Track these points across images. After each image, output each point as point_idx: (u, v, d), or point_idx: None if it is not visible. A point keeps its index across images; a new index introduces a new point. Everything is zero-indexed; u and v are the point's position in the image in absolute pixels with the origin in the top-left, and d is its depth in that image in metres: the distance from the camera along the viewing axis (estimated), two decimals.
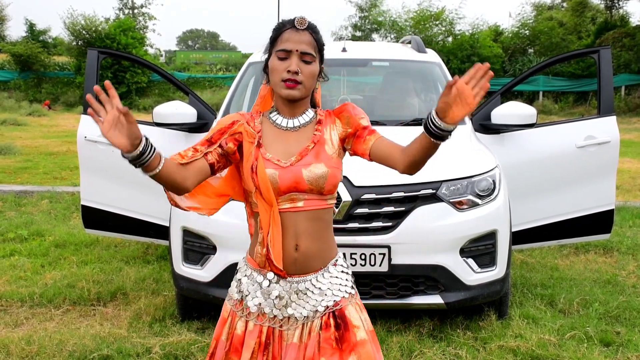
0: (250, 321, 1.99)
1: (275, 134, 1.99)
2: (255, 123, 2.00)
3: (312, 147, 1.96)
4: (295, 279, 1.97)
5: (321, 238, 1.98)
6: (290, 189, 1.91)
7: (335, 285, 2.00)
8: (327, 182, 1.92)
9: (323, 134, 1.99)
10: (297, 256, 1.95)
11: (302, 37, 1.94)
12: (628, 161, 11.75)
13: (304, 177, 1.91)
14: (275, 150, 1.95)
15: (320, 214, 1.96)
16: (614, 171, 4.48)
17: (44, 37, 33.54)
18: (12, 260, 5.48)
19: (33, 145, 13.95)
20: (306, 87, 1.95)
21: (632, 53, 25.38)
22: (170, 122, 4.56)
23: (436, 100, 5.04)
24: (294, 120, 2.00)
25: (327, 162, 1.94)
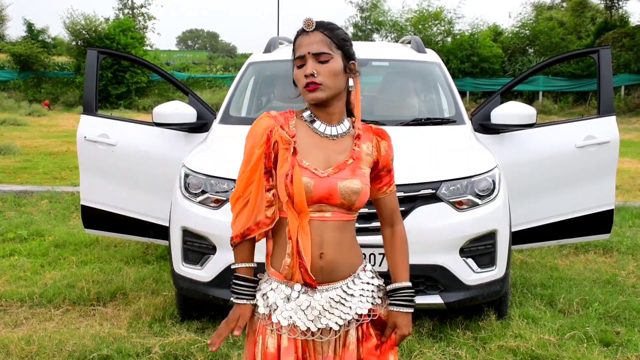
0: (283, 335, 1.89)
1: (311, 140, 1.92)
2: (289, 126, 1.93)
3: (351, 162, 1.91)
4: (324, 287, 1.90)
5: (346, 246, 1.93)
6: (322, 199, 1.86)
7: (367, 292, 1.96)
8: (359, 199, 1.89)
9: (361, 150, 1.94)
10: (323, 264, 1.89)
11: (312, 39, 1.88)
12: (628, 161, 11.75)
13: (339, 191, 1.86)
14: (313, 157, 1.89)
15: (346, 225, 1.92)
16: (613, 171, 4.48)
17: (43, 37, 33.52)
18: (12, 260, 5.48)
19: (33, 145, 13.95)
20: (329, 86, 1.87)
21: (632, 53, 25.39)
22: (170, 122, 4.56)
23: (436, 101, 5.07)
24: (332, 129, 1.93)
25: (362, 179, 1.90)
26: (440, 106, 5.00)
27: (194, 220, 3.82)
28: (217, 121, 4.69)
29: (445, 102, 5.00)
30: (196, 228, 3.81)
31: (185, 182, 3.92)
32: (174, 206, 3.99)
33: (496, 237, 3.81)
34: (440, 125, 4.58)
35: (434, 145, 4.29)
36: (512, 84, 4.89)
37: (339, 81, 1.90)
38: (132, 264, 5.35)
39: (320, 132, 1.92)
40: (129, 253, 5.67)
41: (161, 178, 4.52)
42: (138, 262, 5.43)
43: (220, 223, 3.69)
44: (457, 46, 28.02)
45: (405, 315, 2.00)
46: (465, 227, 3.72)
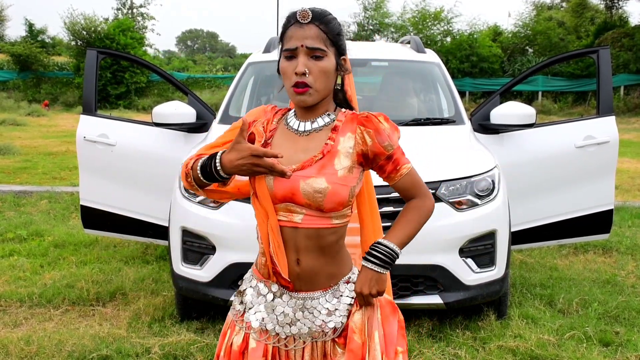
0: (251, 337, 1.82)
1: (286, 137, 1.81)
2: (273, 122, 1.84)
3: (320, 159, 1.74)
4: (301, 295, 1.80)
5: (327, 256, 1.79)
6: (285, 198, 1.73)
7: (345, 305, 1.81)
8: (326, 200, 1.70)
9: (337, 144, 1.76)
10: (300, 271, 1.77)
11: (306, 32, 1.72)
12: (627, 161, 11.76)
13: (300, 190, 1.71)
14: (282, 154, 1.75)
15: (323, 233, 1.75)
16: (613, 171, 4.48)
17: (42, 37, 33.52)
18: (11, 260, 5.48)
19: (32, 145, 13.95)
20: (319, 89, 1.74)
21: (631, 53, 25.41)
22: (169, 122, 4.56)
23: (435, 101, 5.07)
24: (306, 124, 1.80)
25: (329, 177, 1.71)
26: (440, 106, 5.00)
27: (193, 220, 3.82)
28: (217, 121, 4.69)
29: (444, 102, 5.00)
30: (196, 228, 3.81)
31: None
32: (174, 206, 3.99)
33: (496, 237, 3.81)
34: (440, 125, 4.58)
35: (433, 145, 4.29)
36: (511, 84, 4.89)
37: (330, 82, 1.78)
38: (131, 264, 5.35)
39: (294, 129, 1.80)
40: (128, 253, 5.67)
41: (161, 178, 4.52)
42: (137, 262, 5.43)
43: (220, 223, 3.69)
44: (456, 46, 28.04)
45: (368, 271, 1.76)
46: (465, 227, 3.72)
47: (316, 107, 1.80)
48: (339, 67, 1.80)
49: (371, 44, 8.28)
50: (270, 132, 1.82)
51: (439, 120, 4.65)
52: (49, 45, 33.26)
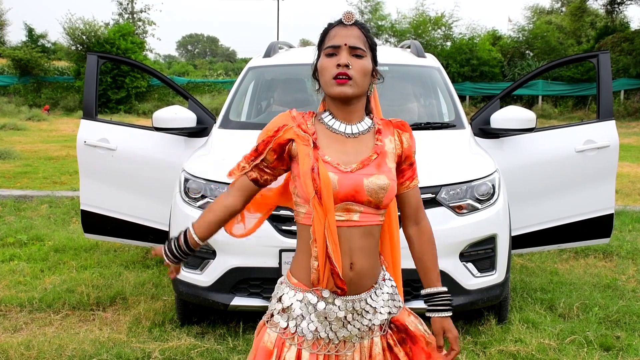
0: (305, 350, 1.81)
1: (330, 139, 1.85)
2: (308, 124, 1.86)
3: (375, 158, 1.83)
4: (350, 298, 1.83)
5: (373, 255, 1.87)
6: (348, 197, 1.78)
7: (390, 302, 1.91)
8: (387, 196, 1.81)
9: (384, 144, 1.87)
10: (352, 275, 1.82)
11: (350, 32, 1.82)
12: (627, 165, 11.75)
13: (365, 187, 1.78)
14: (333, 155, 1.82)
15: (373, 231, 1.84)
16: (613, 175, 4.48)
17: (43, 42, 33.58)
18: (12, 265, 5.48)
19: (32, 149, 13.96)
20: (358, 84, 1.81)
21: (631, 57, 25.45)
22: (170, 127, 4.57)
23: (435, 106, 5.07)
24: (353, 127, 1.87)
25: (388, 174, 1.82)
26: (440, 110, 5.01)
27: None
28: (217, 126, 4.70)
29: (444, 106, 5.00)
30: None
31: (185, 187, 3.93)
32: (174, 211, 3.99)
33: (496, 241, 3.80)
34: (440, 129, 4.59)
35: (433, 149, 4.29)
36: (511, 88, 4.89)
37: (366, 81, 1.85)
38: (131, 269, 5.35)
39: (340, 131, 1.85)
40: (128, 258, 5.66)
41: (161, 183, 4.52)
42: (138, 266, 5.43)
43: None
44: (456, 50, 28.08)
45: (448, 319, 1.94)
46: (465, 232, 3.72)
47: (355, 109, 1.87)
48: (374, 72, 1.90)
49: None
50: (313, 134, 1.84)
51: (439, 124, 4.66)
52: (49, 50, 33.30)
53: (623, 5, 30.25)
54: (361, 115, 1.89)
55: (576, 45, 29.71)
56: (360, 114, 1.89)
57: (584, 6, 31.82)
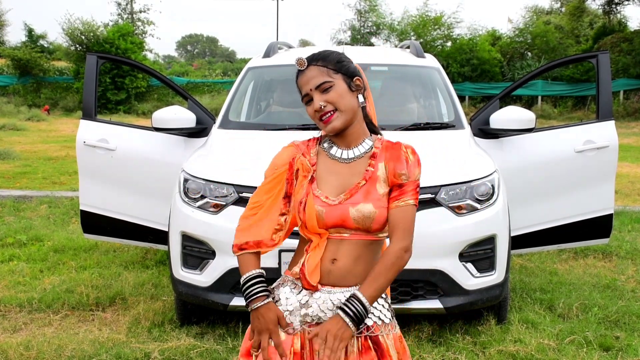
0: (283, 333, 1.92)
1: (329, 166, 1.96)
2: (311, 154, 1.98)
3: (363, 185, 1.90)
4: (327, 289, 1.91)
5: (363, 261, 1.91)
6: (336, 225, 1.89)
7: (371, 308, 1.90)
8: (374, 222, 1.87)
9: (376, 170, 1.92)
10: (332, 268, 1.91)
11: (308, 75, 1.91)
12: (627, 165, 11.76)
13: (351, 216, 1.87)
14: (328, 184, 1.92)
15: (367, 243, 1.92)
16: (612, 176, 4.48)
17: (42, 42, 33.57)
18: (11, 265, 5.48)
19: (32, 150, 13.96)
20: (342, 109, 1.89)
21: (630, 57, 25.46)
22: (169, 127, 4.57)
23: (435, 106, 5.07)
24: (349, 152, 1.95)
25: (375, 202, 1.88)
26: (440, 111, 5.01)
27: (193, 225, 3.82)
28: (217, 126, 4.70)
29: (444, 106, 5.00)
30: (195, 233, 3.81)
31: (185, 187, 3.93)
32: (174, 211, 3.99)
33: (495, 241, 3.80)
34: (440, 130, 4.59)
35: (433, 150, 4.29)
36: (511, 89, 4.89)
37: (349, 101, 1.91)
38: (131, 269, 5.35)
39: (337, 157, 1.95)
40: (128, 258, 5.66)
41: (160, 183, 4.52)
42: (137, 267, 5.43)
43: (220, 228, 3.69)
44: (457, 50, 28.09)
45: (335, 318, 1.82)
46: (465, 232, 3.72)
47: (350, 132, 1.95)
48: (352, 87, 1.94)
49: (371, 48, 8.30)
50: (313, 165, 1.96)
51: (439, 124, 4.66)
52: (48, 50, 33.30)
53: (621, 5, 30.23)
54: (359, 136, 1.96)
55: (575, 45, 29.72)
56: (358, 135, 1.96)
57: (583, 6, 31.83)
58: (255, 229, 1.96)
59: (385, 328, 1.96)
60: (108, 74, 27.85)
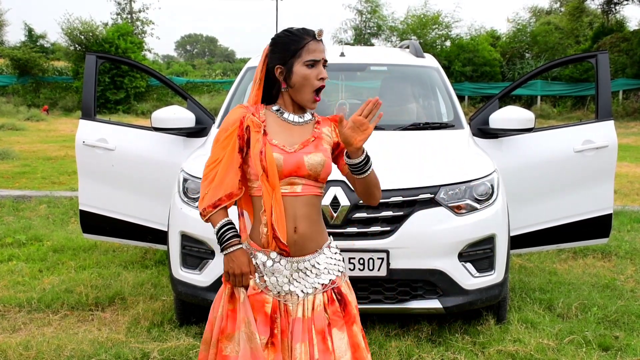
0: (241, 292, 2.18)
1: (280, 126, 2.22)
2: (260, 114, 2.22)
3: (313, 140, 2.22)
4: (295, 259, 2.18)
5: (316, 222, 2.22)
6: (292, 172, 2.14)
7: (331, 266, 2.25)
8: (324, 170, 2.18)
9: (321, 132, 2.26)
10: (297, 238, 2.17)
11: (322, 47, 2.21)
12: (626, 165, 11.76)
13: (305, 163, 2.15)
14: (281, 139, 2.18)
15: (314, 200, 2.20)
16: (611, 175, 4.48)
17: (42, 42, 33.55)
18: (10, 265, 5.47)
19: (31, 150, 13.95)
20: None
21: (628, 57, 25.47)
22: (168, 127, 4.56)
23: (434, 106, 5.07)
24: (300, 117, 2.25)
25: (324, 153, 2.20)
26: (439, 111, 5.01)
27: (192, 225, 3.82)
28: (216, 126, 4.70)
29: (443, 106, 5.00)
30: (195, 233, 3.81)
31: (184, 187, 3.93)
32: (173, 211, 3.98)
33: (495, 241, 3.81)
34: (439, 129, 4.59)
35: (432, 149, 4.29)
36: (510, 89, 4.89)
37: None
38: (130, 269, 5.35)
39: (291, 120, 2.23)
40: (127, 258, 5.66)
41: (160, 183, 4.52)
42: (136, 266, 5.42)
43: None
44: (459, 49, 28.09)
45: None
46: (464, 232, 3.72)
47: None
48: None
49: (370, 48, 8.29)
50: (263, 122, 2.20)
51: (438, 124, 4.66)
52: (48, 50, 33.28)
53: (620, 5, 30.24)
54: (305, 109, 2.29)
55: (575, 45, 29.73)
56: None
57: (582, 6, 31.84)
58: (223, 184, 2.16)
59: (344, 278, 2.29)
60: (107, 73, 27.83)
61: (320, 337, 2.17)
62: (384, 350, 3.71)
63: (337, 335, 2.20)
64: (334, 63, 5.06)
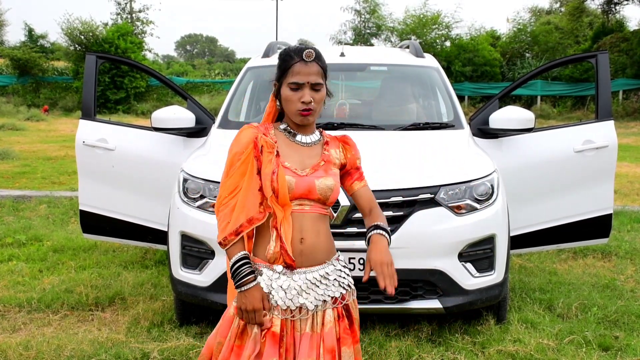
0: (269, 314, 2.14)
1: (289, 148, 2.22)
2: (270, 135, 2.22)
3: (323, 164, 2.22)
4: (302, 270, 2.17)
5: (323, 235, 2.21)
6: (302, 195, 2.16)
7: (341, 278, 2.23)
8: (332, 194, 2.20)
9: (330, 154, 2.26)
10: (303, 248, 2.16)
11: (311, 69, 2.15)
12: (626, 165, 11.76)
13: (316, 187, 2.17)
14: (292, 160, 2.19)
15: (322, 217, 2.22)
16: (611, 175, 4.48)
17: (42, 42, 33.54)
18: (10, 265, 5.47)
19: (31, 150, 13.95)
20: (317, 112, 2.20)
21: (628, 57, 25.46)
22: (168, 127, 4.56)
23: (434, 106, 5.07)
24: (308, 137, 2.25)
25: (334, 177, 2.23)
26: (439, 111, 5.01)
27: (192, 225, 3.82)
28: (216, 126, 4.70)
29: (443, 106, 5.00)
30: (195, 233, 3.81)
31: (184, 187, 3.92)
32: (173, 211, 3.98)
33: (495, 241, 3.81)
34: (439, 129, 4.59)
35: (432, 149, 4.29)
36: (510, 89, 4.89)
37: (322, 106, 2.23)
38: (130, 269, 5.35)
39: (298, 141, 2.23)
40: (127, 258, 5.66)
41: (160, 183, 4.52)
42: (136, 267, 5.42)
43: None
44: (459, 49, 28.09)
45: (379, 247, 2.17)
46: (464, 232, 3.72)
47: (309, 124, 2.25)
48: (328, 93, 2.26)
49: (370, 48, 8.30)
50: (275, 142, 2.20)
51: (438, 124, 4.66)
52: (48, 50, 33.27)
53: (620, 5, 30.24)
54: (313, 128, 2.28)
55: (575, 45, 29.73)
56: (313, 127, 2.28)
57: (582, 6, 31.84)
58: (244, 210, 2.14)
59: (352, 294, 2.27)
60: (107, 73, 27.82)
61: (330, 357, 2.14)
62: (384, 350, 3.71)
63: (346, 353, 2.19)
64: (334, 63, 5.07)
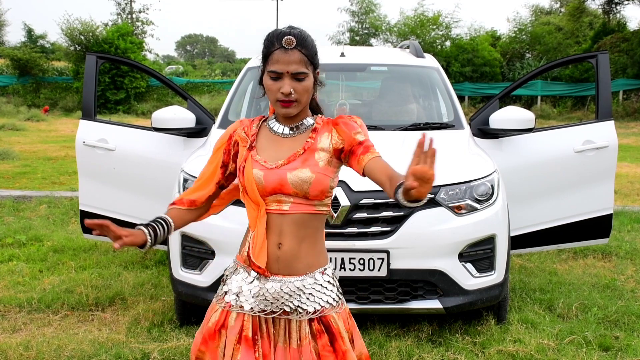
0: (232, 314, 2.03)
1: (270, 140, 2.06)
2: (253, 128, 2.09)
3: (302, 153, 1.99)
4: (278, 278, 2.00)
5: (307, 242, 2.01)
6: (275, 190, 1.97)
7: (319, 293, 2.02)
8: (312, 188, 1.95)
9: (316, 142, 2.01)
10: (280, 254, 1.99)
11: (291, 57, 1.94)
12: (626, 166, 11.76)
13: (288, 180, 1.95)
14: (267, 154, 2.02)
15: (307, 219, 1.99)
16: (612, 176, 4.48)
17: (42, 42, 33.53)
18: (10, 265, 5.47)
19: (31, 150, 13.95)
20: (301, 102, 1.99)
21: (629, 58, 25.46)
22: (169, 127, 4.57)
23: (434, 106, 5.07)
24: (287, 128, 2.05)
25: (313, 168, 1.96)
26: (439, 111, 5.01)
27: (192, 225, 3.79)
28: (216, 126, 4.70)
29: (444, 106, 5.00)
30: (195, 233, 3.81)
31: (184, 187, 3.92)
32: None
33: (495, 241, 3.81)
34: (439, 130, 4.59)
35: None
36: (510, 89, 4.89)
37: (309, 96, 2.02)
38: (130, 269, 5.35)
39: (278, 132, 2.05)
40: (127, 258, 5.66)
41: (160, 183, 4.52)
42: (137, 267, 5.42)
43: (219, 228, 3.69)
44: (458, 49, 28.09)
45: None
46: (464, 232, 3.72)
47: (296, 115, 2.04)
48: (316, 81, 2.04)
49: (370, 48, 8.30)
50: (252, 136, 2.07)
51: (438, 124, 4.66)
52: (48, 51, 33.26)
53: (620, 5, 30.24)
54: (303, 116, 2.06)
55: (575, 45, 29.72)
56: (302, 116, 2.06)
57: (583, 6, 31.84)
58: (192, 192, 2.13)
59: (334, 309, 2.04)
60: (107, 73, 27.80)
61: None
62: (384, 351, 3.71)
63: None
64: (334, 63, 5.07)
